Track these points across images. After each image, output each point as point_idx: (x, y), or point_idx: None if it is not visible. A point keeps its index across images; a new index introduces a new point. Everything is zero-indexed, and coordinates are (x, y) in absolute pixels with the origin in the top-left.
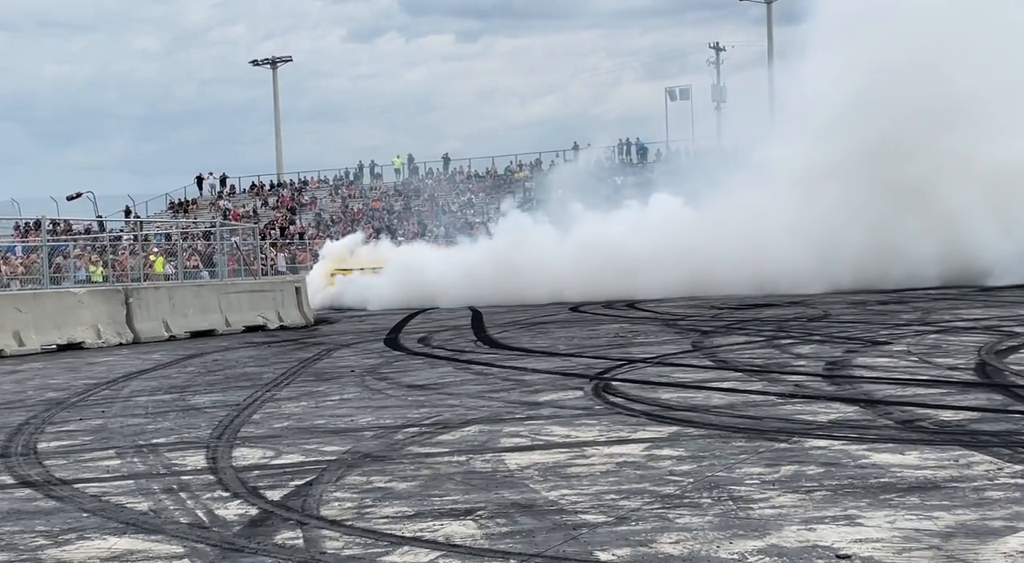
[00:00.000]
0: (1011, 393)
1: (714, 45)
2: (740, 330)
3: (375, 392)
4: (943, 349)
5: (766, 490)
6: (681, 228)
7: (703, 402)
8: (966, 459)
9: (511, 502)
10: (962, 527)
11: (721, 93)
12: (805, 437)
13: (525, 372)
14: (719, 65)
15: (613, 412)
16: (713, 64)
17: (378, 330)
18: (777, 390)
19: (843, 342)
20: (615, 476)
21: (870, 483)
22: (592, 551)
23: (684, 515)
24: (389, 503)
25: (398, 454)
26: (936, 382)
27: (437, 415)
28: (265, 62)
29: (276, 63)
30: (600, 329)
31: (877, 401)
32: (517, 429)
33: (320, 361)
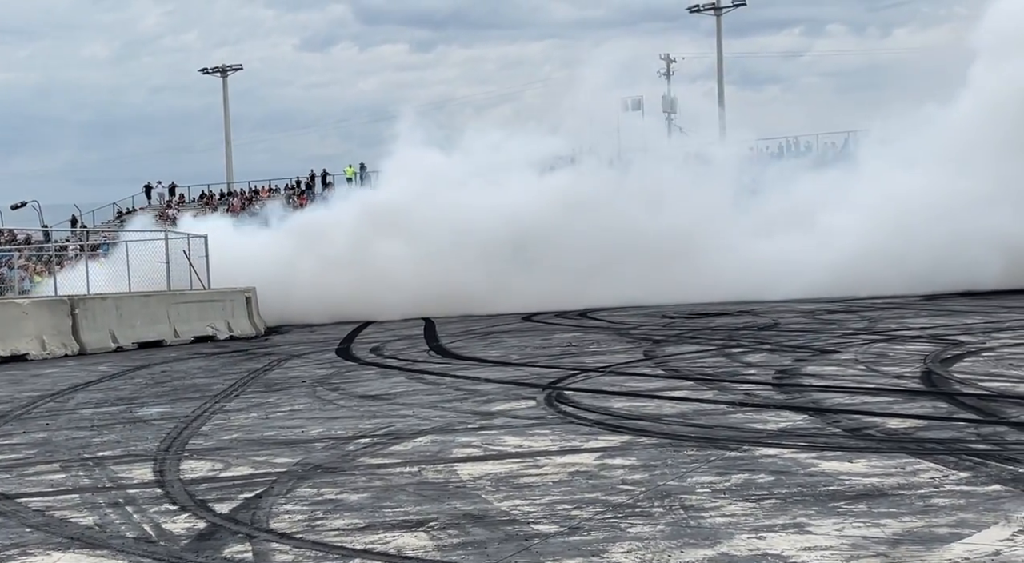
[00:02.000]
0: (956, 401)
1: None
2: (691, 339)
3: (326, 403)
4: (890, 358)
5: (717, 499)
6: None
7: (655, 411)
8: (912, 467)
9: (463, 513)
10: (909, 534)
11: (672, 104)
12: (755, 445)
13: (478, 382)
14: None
15: (566, 422)
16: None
17: (330, 340)
18: (728, 399)
19: (792, 351)
20: (567, 486)
21: (819, 491)
22: (544, 562)
23: (636, 524)
24: (340, 515)
25: (349, 465)
26: (883, 390)
27: (389, 426)
28: (215, 70)
29: (226, 71)
30: (553, 339)
31: (826, 409)
32: (470, 439)
33: (270, 372)
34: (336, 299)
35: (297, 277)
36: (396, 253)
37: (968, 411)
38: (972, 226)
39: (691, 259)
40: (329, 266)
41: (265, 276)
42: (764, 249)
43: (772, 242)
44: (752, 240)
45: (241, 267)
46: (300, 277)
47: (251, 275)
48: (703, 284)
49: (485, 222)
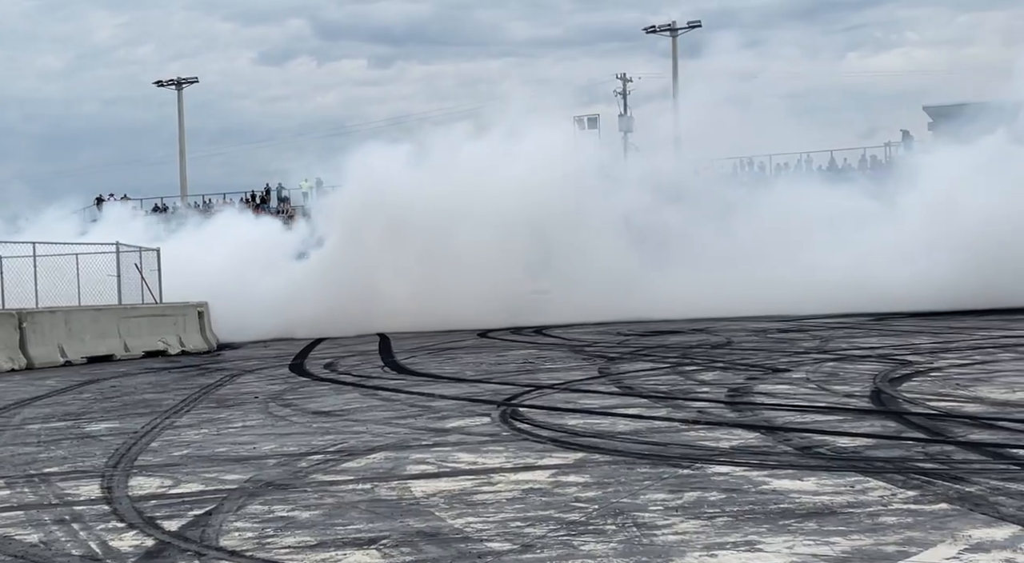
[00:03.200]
0: (904, 420)
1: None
2: (646, 357)
3: (279, 419)
4: (840, 377)
5: (669, 516)
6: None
7: (609, 428)
8: (862, 485)
9: (416, 530)
10: (857, 552)
11: (628, 123)
12: (708, 463)
13: (432, 398)
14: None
15: (520, 438)
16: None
17: (283, 356)
18: (681, 416)
19: (745, 369)
20: (521, 503)
21: (770, 509)
22: None
23: (589, 542)
24: (291, 533)
25: (301, 482)
26: (833, 409)
27: (342, 442)
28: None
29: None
30: (508, 355)
31: (777, 428)
32: (423, 456)
33: (222, 387)
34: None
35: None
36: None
37: (916, 430)
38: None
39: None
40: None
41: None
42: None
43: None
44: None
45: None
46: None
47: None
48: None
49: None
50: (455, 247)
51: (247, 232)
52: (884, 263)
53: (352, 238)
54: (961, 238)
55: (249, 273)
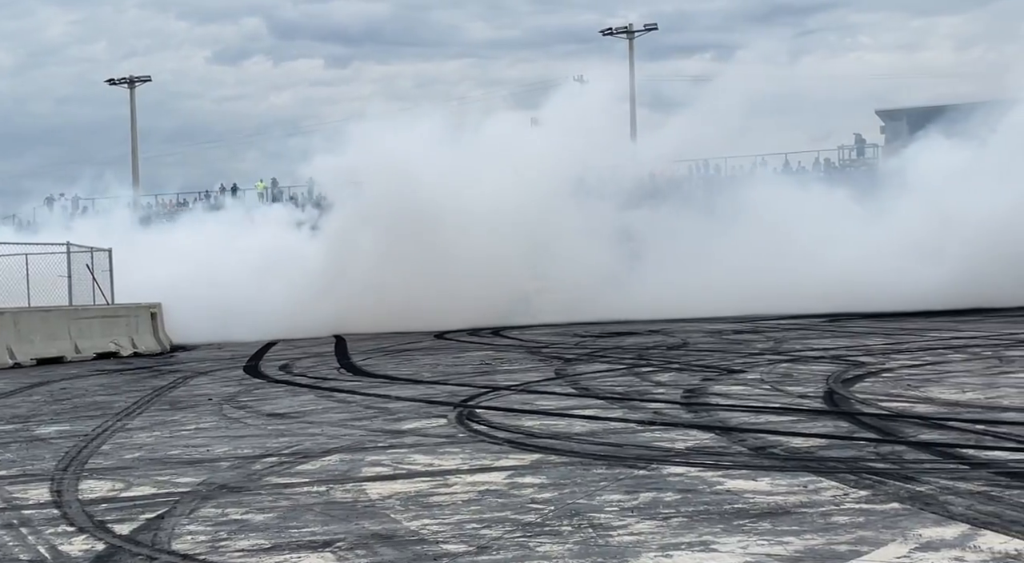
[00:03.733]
0: (857, 421)
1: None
2: (602, 358)
3: (233, 421)
4: (794, 378)
5: (625, 517)
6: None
7: (565, 429)
8: (815, 485)
9: (371, 533)
10: (810, 552)
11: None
12: (663, 464)
13: (389, 400)
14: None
15: (476, 440)
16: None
17: (238, 357)
18: (637, 417)
19: (700, 370)
20: (477, 505)
21: (724, 509)
22: None
23: (544, 543)
24: (245, 536)
25: (255, 485)
26: (787, 410)
27: (297, 444)
28: (122, 81)
29: (134, 83)
30: (465, 356)
31: (732, 428)
32: (379, 458)
33: (175, 389)
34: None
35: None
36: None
37: (868, 430)
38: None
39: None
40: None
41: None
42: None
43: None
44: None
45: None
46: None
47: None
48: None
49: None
50: (449, 247)
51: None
52: (875, 262)
53: (350, 235)
54: (942, 240)
55: (246, 275)
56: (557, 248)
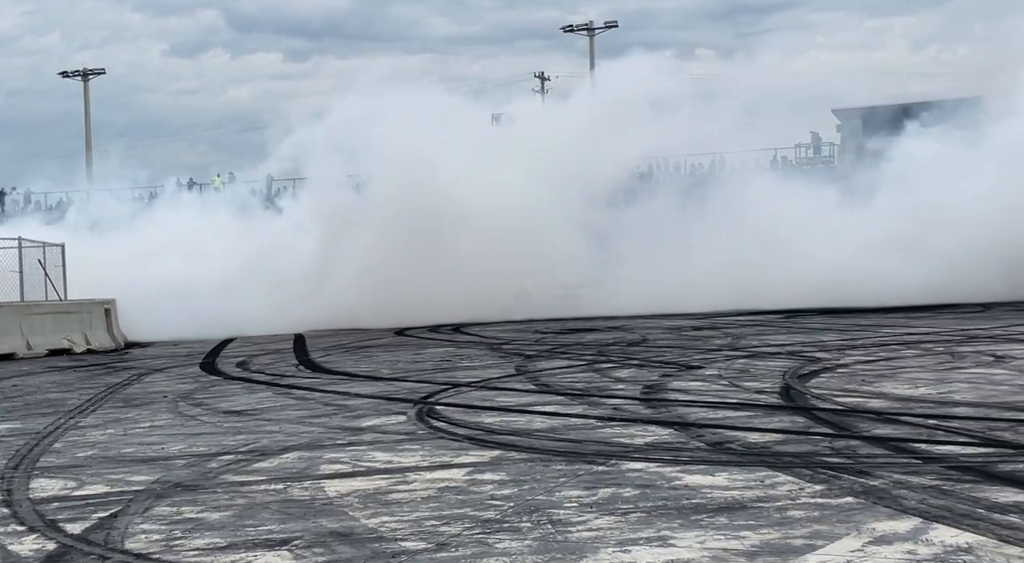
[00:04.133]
0: (812, 416)
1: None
2: (563, 354)
3: (189, 418)
4: (751, 373)
5: (584, 513)
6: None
7: (525, 426)
8: (771, 480)
9: (329, 531)
10: (766, 546)
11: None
12: (623, 460)
13: (348, 397)
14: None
15: (436, 437)
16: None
17: (194, 354)
18: (597, 413)
19: (659, 366)
20: (436, 501)
21: (682, 504)
22: None
23: (504, 540)
24: (200, 534)
25: (211, 483)
26: (745, 405)
27: (254, 442)
28: (76, 74)
29: (88, 75)
30: (425, 353)
31: (690, 424)
32: (338, 455)
33: (130, 386)
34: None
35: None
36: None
37: (823, 425)
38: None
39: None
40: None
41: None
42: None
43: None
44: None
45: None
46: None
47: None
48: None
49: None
50: (451, 241)
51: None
52: (862, 256)
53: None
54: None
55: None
56: (552, 244)
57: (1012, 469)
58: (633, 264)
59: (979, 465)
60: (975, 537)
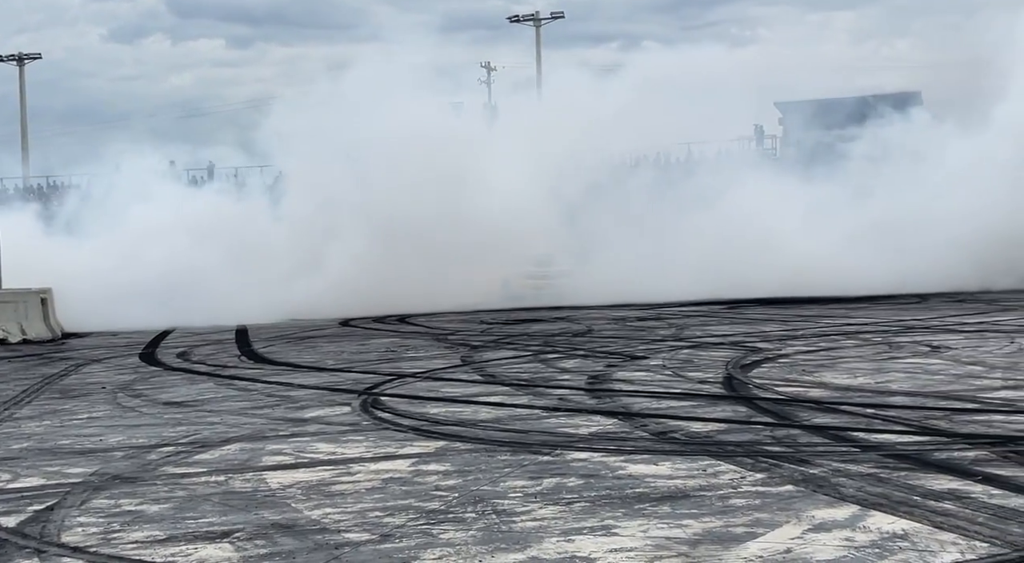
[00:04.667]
0: (754, 405)
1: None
2: (509, 345)
3: (128, 410)
4: (695, 363)
5: (529, 503)
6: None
7: (471, 416)
8: (713, 468)
9: (271, 523)
10: (708, 534)
11: (492, 111)
12: (567, 450)
13: (291, 388)
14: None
15: (381, 428)
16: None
17: (133, 344)
18: (542, 404)
19: (605, 357)
20: (381, 493)
21: (626, 493)
22: None
23: (448, 530)
24: (139, 527)
25: (151, 475)
26: (688, 395)
27: (195, 433)
28: (11, 58)
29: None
30: (370, 344)
31: (634, 414)
32: (281, 446)
33: (67, 377)
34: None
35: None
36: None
37: (765, 415)
38: None
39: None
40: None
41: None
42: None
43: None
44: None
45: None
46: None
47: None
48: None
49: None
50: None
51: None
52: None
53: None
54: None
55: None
56: (538, 233)
57: (947, 457)
58: (612, 253)
59: (915, 453)
60: (911, 524)
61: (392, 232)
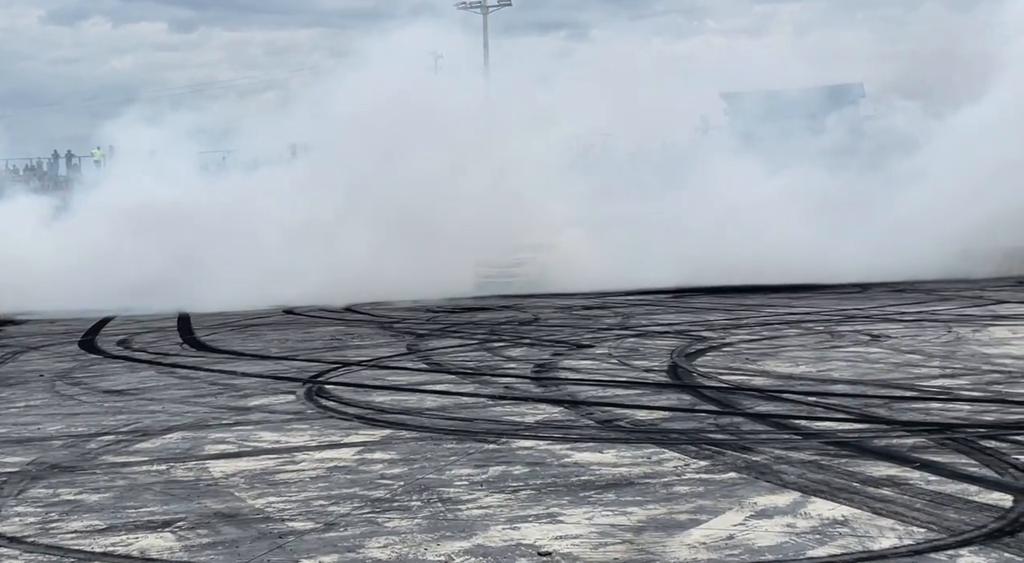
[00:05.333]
0: (698, 393)
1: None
2: (455, 333)
3: (67, 398)
4: (640, 352)
5: (474, 491)
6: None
7: (416, 405)
8: (658, 456)
9: (214, 512)
10: (652, 521)
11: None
12: (513, 438)
13: (234, 376)
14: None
15: (326, 416)
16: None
17: (72, 332)
18: (488, 392)
19: (551, 345)
20: (325, 481)
21: (571, 481)
22: (298, 559)
23: (393, 519)
24: (78, 517)
25: (90, 464)
26: (633, 383)
27: (136, 422)
28: None
29: None
30: (315, 332)
31: (580, 402)
32: (224, 435)
33: (3, 365)
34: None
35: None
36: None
37: (709, 403)
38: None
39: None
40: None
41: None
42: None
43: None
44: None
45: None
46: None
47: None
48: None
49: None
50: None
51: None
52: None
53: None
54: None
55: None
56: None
57: (886, 444)
58: (586, 241)
59: (855, 440)
60: (851, 510)
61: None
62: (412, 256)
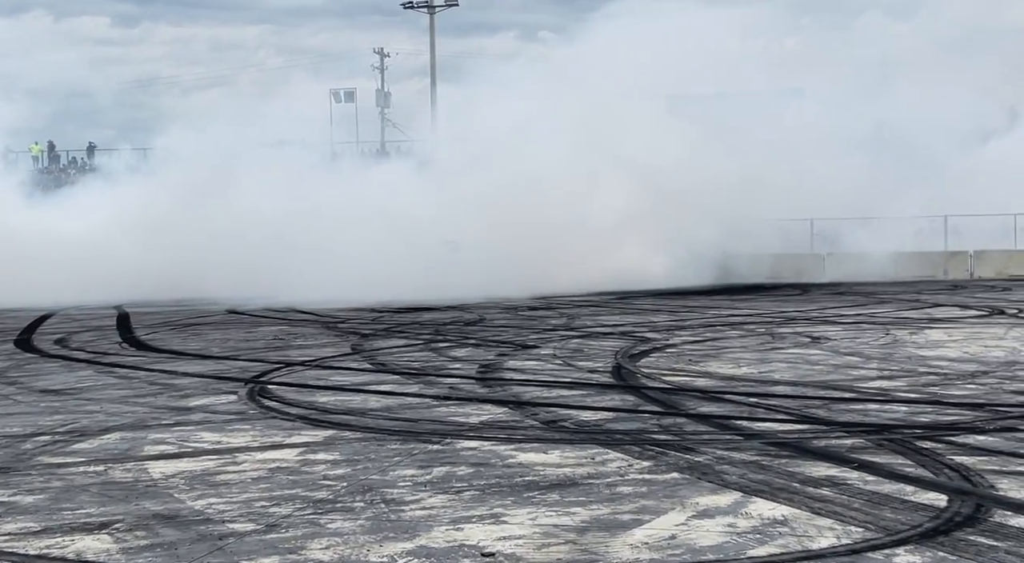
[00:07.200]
0: (642, 394)
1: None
2: (400, 333)
3: (1, 398)
4: (585, 353)
5: (418, 492)
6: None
7: (360, 405)
8: (602, 457)
9: (153, 513)
10: (596, 521)
11: (385, 98)
12: (458, 438)
13: (175, 376)
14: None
15: (268, 417)
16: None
17: (7, 330)
18: (433, 392)
19: (496, 346)
20: (267, 482)
21: (515, 482)
22: (238, 561)
23: (336, 520)
24: (12, 519)
25: (25, 465)
26: (578, 384)
27: (73, 422)
28: None
29: None
30: (258, 331)
31: (525, 402)
32: (163, 436)
33: None
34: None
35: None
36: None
37: (652, 404)
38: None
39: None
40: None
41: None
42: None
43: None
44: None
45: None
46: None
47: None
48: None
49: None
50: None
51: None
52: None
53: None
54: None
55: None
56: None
57: (825, 445)
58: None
59: (795, 441)
60: (790, 510)
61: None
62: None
